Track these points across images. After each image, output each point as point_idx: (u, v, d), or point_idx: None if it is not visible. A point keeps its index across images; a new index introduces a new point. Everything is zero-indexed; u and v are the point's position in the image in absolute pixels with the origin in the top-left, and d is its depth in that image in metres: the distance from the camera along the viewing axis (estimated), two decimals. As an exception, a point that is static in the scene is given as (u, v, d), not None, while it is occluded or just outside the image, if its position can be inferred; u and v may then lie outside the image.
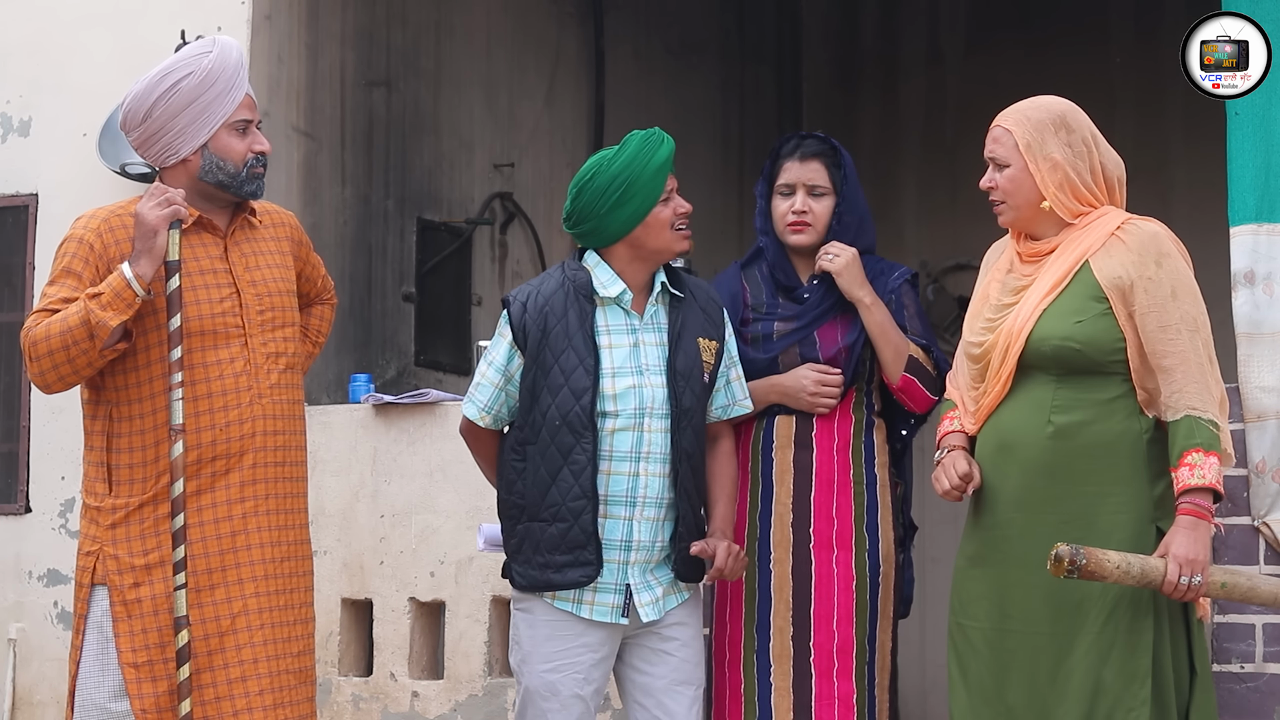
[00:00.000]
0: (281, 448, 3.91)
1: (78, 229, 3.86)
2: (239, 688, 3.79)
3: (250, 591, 3.83)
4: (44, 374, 3.76)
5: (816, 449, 4.14)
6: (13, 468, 6.32)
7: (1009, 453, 3.69)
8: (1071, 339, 3.64)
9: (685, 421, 3.92)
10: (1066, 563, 3.43)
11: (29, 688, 6.13)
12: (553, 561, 3.89)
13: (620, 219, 3.92)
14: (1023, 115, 3.78)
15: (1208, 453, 3.54)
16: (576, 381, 3.88)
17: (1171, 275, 3.67)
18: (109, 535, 3.82)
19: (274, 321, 3.94)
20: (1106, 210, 3.78)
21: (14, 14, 6.50)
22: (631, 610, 3.91)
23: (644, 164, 3.91)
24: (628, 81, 8.54)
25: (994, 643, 3.70)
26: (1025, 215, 3.78)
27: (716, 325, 4.03)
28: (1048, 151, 3.73)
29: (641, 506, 3.90)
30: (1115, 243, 3.70)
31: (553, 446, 3.88)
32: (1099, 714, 3.58)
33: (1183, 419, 3.57)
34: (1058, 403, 3.66)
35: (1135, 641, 3.59)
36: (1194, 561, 3.51)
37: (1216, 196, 4.57)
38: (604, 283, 3.95)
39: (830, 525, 4.11)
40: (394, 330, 7.04)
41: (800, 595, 4.09)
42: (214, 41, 3.92)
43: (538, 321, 3.92)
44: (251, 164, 3.91)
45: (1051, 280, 3.70)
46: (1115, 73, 9.01)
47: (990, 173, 3.80)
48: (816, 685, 4.06)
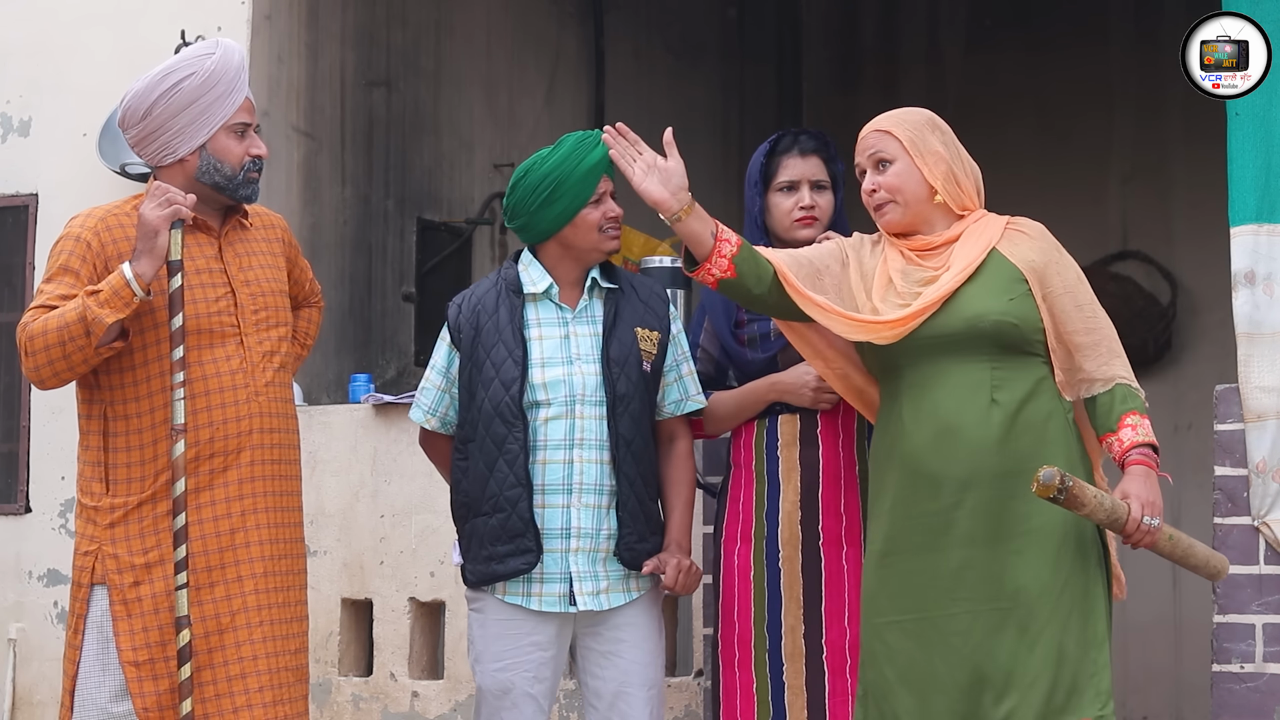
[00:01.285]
0: (278, 445, 3.93)
1: (74, 227, 3.87)
2: (239, 685, 3.80)
3: (250, 589, 3.84)
4: (39, 369, 3.77)
5: (822, 446, 4.13)
6: (13, 468, 6.33)
7: (952, 435, 3.71)
8: (1009, 314, 3.71)
9: (622, 408, 3.99)
10: (1056, 483, 3.48)
11: (29, 688, 6.14)
12: (495, 553, 3.97)
13: (549, 217, 4.02)
14: (898, 118, 3.86)
15: (1142, 415, 3.68)
16: (506, 373, 3.98)
17: (1071, 262, 3.81)
18: (108, 534, 3.82)
19: (268, 321, 3.96)
20: (983, 213, 3.86)
21: (14, 14, 6.50)
22: (576, 602, 3.97)
23: (574, 165, 4.01)
24: (628, 81, 8.54)
25: (942, 627, 3.70)
26: (914, 210, 3.81)
27: (660, 318, 4.11)
28: (931, 146, 3.81)
29: (579, 493, 3.96)
30: (1013, 233, 3.80)
31: (488, 439, 3.97)
32: (1063, 681, 3.63)
33: (1115, 387, 3.70)
34: (996, 382, 3.71)
35: (1090, 608, 3.67)
36: (1152, 503, 3.61)
37: (1216, 196, 4.57)
38: (533, 279, 4.06)
39: (839, 522, 4.10)
40: (394, 330, 7.04)
41: (811, 593, 4.08)
42: (217, 43, 3.93)
43: (471, 320, 4.05)
44: (248, 167, 3.92)
45: (964, 263, 3.75)
46: (1115, 73, 9.02)
47: (871, 176, 3.83)
48: (830, 683, 4.06)
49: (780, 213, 4.21)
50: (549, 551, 3.96)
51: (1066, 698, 3.62)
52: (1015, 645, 3.65)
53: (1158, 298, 8.73)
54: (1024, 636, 3.64)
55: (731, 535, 4.17)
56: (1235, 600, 4.36)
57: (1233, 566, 4.35)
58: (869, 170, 3.84)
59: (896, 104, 4.02)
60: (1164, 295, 8.74)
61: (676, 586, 4.03)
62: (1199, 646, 4.48)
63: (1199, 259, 8.22)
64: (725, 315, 4.21)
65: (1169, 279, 8.75)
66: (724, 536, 4.20)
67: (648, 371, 4.05)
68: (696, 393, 4.16)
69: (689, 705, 5.07)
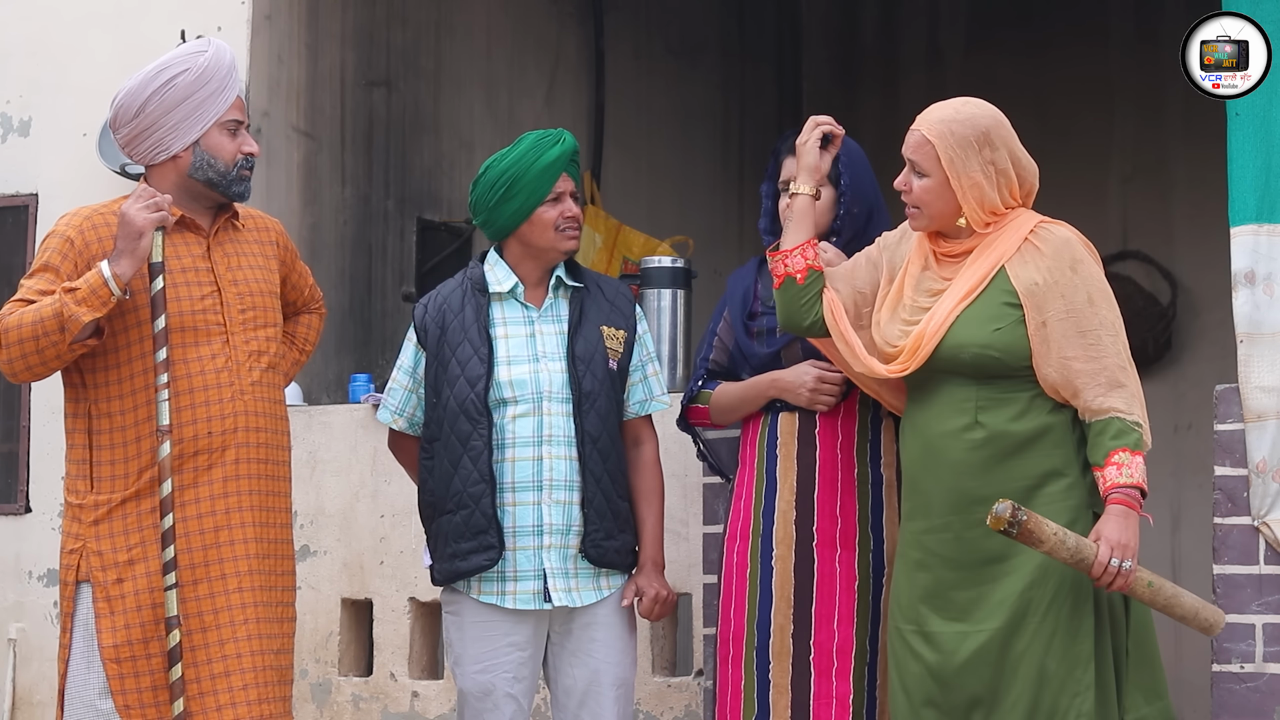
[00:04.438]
0: (264, 445, 3.93)
1: (61, 225, 3.90)
2: (222, 683, 3.80)
3: (234, 587, 3.84)
4: (12, 362, 3.78)
5: (820, 446, 4.13)
6: (13, 468, 6.32)
7: (936, 457, 3.72)
8: (991, 347, 3.67)
9: (588, 405, 4.03)
10: (1008, 516, 3.46)
11: (29, 688, 6.13)
12: (459, 550, 4.00)
13: (506, 214, 4.06)
14: (946, 129, 3.73)
15: (1134, 452, 3.61)
16: (471, 370, 4.00)
17: (1087, 281, 3.69)
18: (92, 532, 3.83)
19: (255, 320, 3.97)
20: (1019, 212, 3.78)
21: (14, 14, 6.50)
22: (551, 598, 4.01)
23: (530, 163, 4.04)
24: (628, 81, 8.54)
25: (932, 644, 3.72)
26: (938, 222, 3.79)
27: (625, 317, 4.16)
28: (969, 170, 3.71)
29: (549, 490, 4.00)
30: (1029, 248, 3.71)
31: (453, 436, 4.00)
32: (1044, 702, 3.63)
33: (1110, 420, 3.62)
34: (982, 403, 3.69)
35: (1076, 628, 3.64)
36: (1125, 546, 3.56)
37: (1216, 196, 4.57)
38: (498, 278, 4.10)
39: (834, 524, 4.10)
40: (394, 330, 7.04)
41: (801, 593, 4.08)
42: (208, 42, 3.97)
43: (436, 320, 4.09)
44: (241, 165, 3.95)
45: (966, 286, 3.72)
46: (1115, 73, 9.01)
47: (907, 173, 3.79)
48: (815, 684, 4.06)
49: (781, 210, 4.22)
50: (521, 549, 3.99)
51: (1047, 719, 3.62)
52: (999, 665, 3.65)
53: (1158, 298, 8.72)
54: (1007, 657, 3.65)
55: (732, 532, 4.19)
56: (1235, 600, 4.35)
57: (1233, 566, 4.35)
58: (907, 166, 3.80)
59: (896, 104, 4.03)
60: (1164, 295, 8.73)
61: (651, 616, 4.11)
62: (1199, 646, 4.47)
63: (1199, 259, 8.22)
64: (742, 306, 4.23)
65: (1169, 279, 8.74)
66: (727, 534, 4.21)
67: (613, 369, 4.09)
68: (661, 393, 4.23)
69: (689, 705, 5.07)
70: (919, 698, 3.73)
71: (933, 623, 3.73)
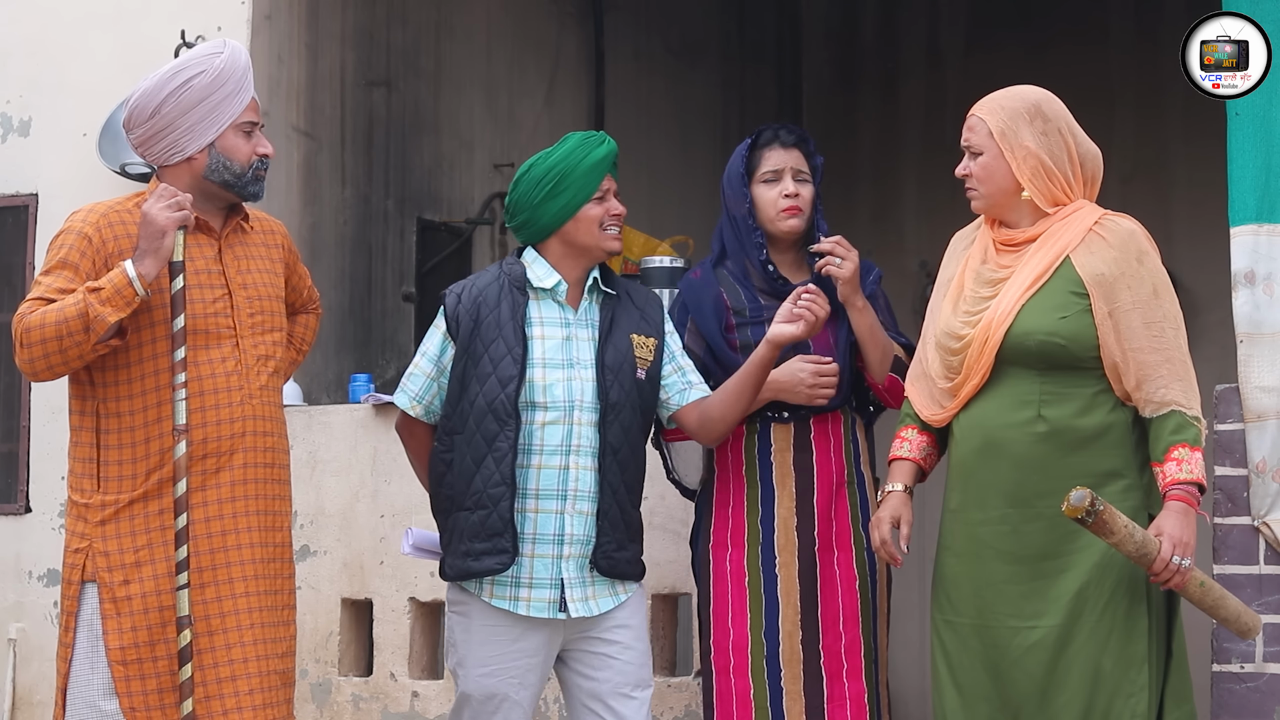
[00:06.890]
0: (270, 449, 3.94)
1: (76, 221, 3.87)
2: (229, 687, 3.80)
3: (240, 591, 3.84)
4: (33, 361, 3.76)
5: (815, 451, 4.14)
6: (13, 468, 6.32)
7: (998, 449, 3.70)
8: (1057, 334, 3.66)
9: (613, 416, 3.98)
10: (1086, 505, 3.43)
11: (29, 688, 6.14)
12: (472, 549, 3.95)
13: (552, 211, 4.00)
14: (997, 104, 3.80)
15: (1193, 448, 3.60)
16: (504, 370, 3.94)
17: (1152, 273, 3.71)
18: (98, 532, 3.82)
19: (263, 325, 3.96)
20: (1081, 204, 3.78)
21: (14, 14, 6.50)
22: (568, 608, 3.95)
23: (579, 160, 4.00)
24: (628, 81, 8.54)
25: (985, 638, 3.70)
26: (999, 203, 3.78)
27: (654, 324, 4.10)
28: (1021, 139, 3.74)
29: (574, 500, 3.95)
30: (1095, 239, 3.72)
31: (478, 435, 3.94)
32: (1099, 702, 3.60)
33: (1170, 414, 3.61)
34: (1045, 397, 3.67)
35: (1132, 628, 3.63)
36: (1186, 544, 3.55)
37: (1216, 196, 4.57)
38: (540, 275, 4.03)
39: (830, 527, 4.11)
40: (394, 330, 7.04)
41: (807, 598, 4.09)
42: (224, 43, 3.95)
43: (470, 312, 4.02)
44: (256, 166, 3.94)
45: (1033, 273, 3.71)
46: (1115, 73, 9.01)
47: (965, 160, 3.81)
48: (828, 687, 4.06)
49: (765, 203, 4.21)
50: (540, 557, 3.94)
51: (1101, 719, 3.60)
52: (1053, 663, 3.62)
53: (1158, 297, 8.72)
54: (1062, 655, 3.62)
55: (721, 541, 4.17)
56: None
57: (1233, 566, 4.35)
58: (965, 154, 3.81)
59: (896, 104, 4.03)
60: (1164, 295, 8.73)
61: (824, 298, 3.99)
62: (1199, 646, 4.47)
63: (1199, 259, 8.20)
64: (715, 318, 4.20)
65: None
66: (712, 542, 4.19)
67: (641, 379, 4.03)
68: (699, 381, 4.12)
69: (689, 705, 5.07)
70: (973, 692, 3.70)
71: (988, 616, 3.69)
